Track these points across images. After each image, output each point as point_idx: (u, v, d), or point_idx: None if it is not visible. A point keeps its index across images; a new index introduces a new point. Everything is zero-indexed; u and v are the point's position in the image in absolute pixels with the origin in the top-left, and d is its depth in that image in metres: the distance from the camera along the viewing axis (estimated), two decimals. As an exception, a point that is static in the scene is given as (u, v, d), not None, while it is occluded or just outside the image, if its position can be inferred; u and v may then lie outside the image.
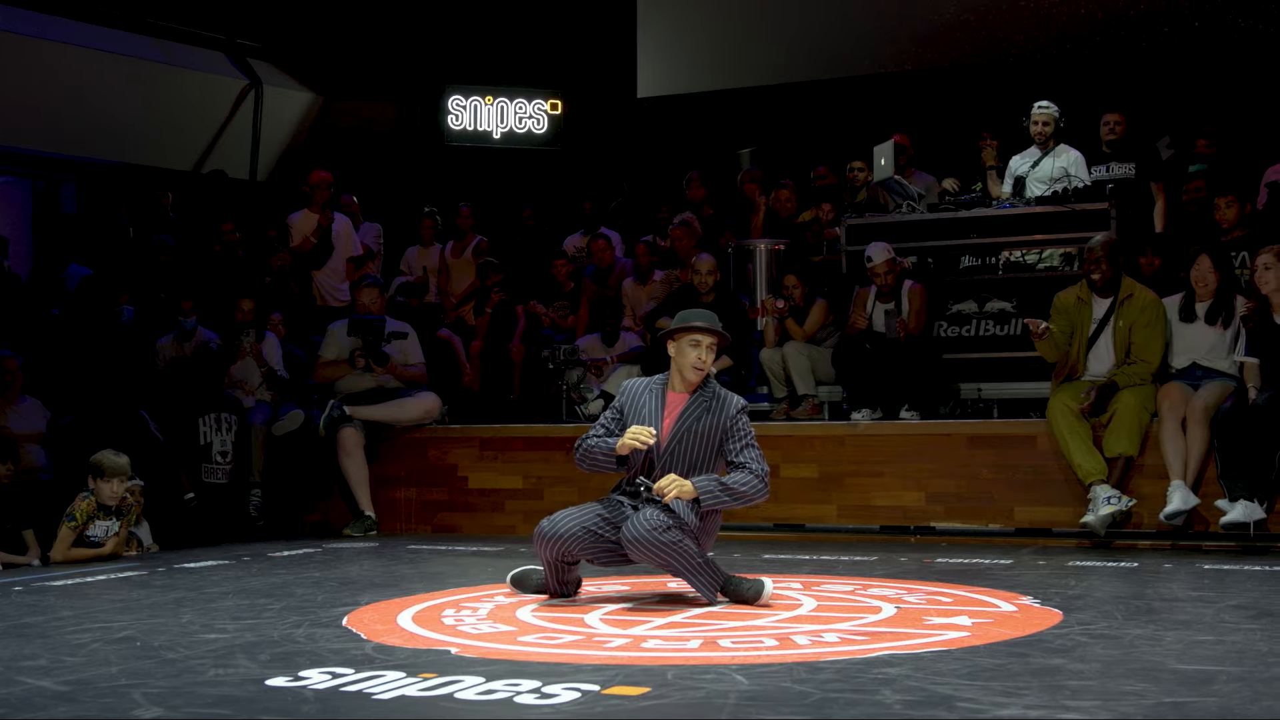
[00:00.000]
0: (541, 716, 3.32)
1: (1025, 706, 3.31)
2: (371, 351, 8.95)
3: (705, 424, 5.29)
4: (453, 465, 9.12)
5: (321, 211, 10.63)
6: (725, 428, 5.29)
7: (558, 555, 5.27)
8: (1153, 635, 4.37)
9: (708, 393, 5.36)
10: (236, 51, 13.60)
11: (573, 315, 10.71)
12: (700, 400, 5.33)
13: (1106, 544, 7.36)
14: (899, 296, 8.71)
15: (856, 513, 8.11)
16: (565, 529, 5.23)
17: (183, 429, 8.66)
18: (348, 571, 6.69)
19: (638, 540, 5.00)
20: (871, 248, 8.77)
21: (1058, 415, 7.51)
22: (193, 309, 9.27)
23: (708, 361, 5.32)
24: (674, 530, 5.03)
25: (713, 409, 5.31)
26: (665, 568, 5.10)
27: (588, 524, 5.25)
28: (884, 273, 8.68)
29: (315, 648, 4.31)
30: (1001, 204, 9.12)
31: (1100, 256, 7.65)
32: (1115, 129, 9.48)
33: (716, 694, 3.51)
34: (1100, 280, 7.66)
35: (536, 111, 14.44)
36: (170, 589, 5.95)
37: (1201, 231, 8.58)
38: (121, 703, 3.50)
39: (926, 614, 4.90)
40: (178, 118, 12.99)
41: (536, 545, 5.30)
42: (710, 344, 5.32)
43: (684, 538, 5.06)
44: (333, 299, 10.63)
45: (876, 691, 3.51)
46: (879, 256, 8.71)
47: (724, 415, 5.30)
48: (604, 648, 4.27)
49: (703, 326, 5.33)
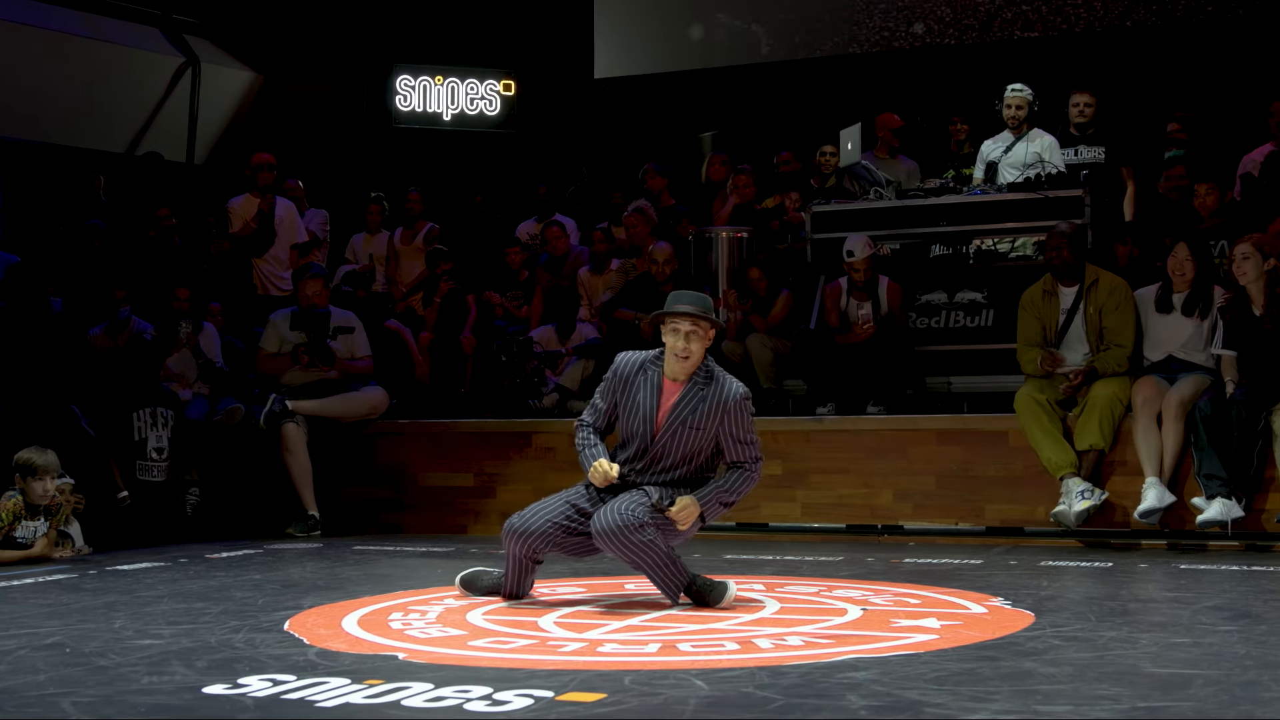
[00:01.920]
0: (493, 724, 3.31)
1: (995, 711, 3.33)
2: (316, 349, 8.89)
3: (701, 414, 5.23)
4: (401, 462, 9.08)
5: (263, 196, 10.55)
6: (722, 419, 5.24)
7: (526, 552, 5.27)
8: (1127, 637, 4.40)
9: (705, 379, 5.26)
10: (172, 27, 13.49)
11: (527, 306, 10.68)
12: (696, 388, 5.25)
13: (1079, 544, 7.42)
14: (875, 293, 8.69)
15: (822, 511, 8.13)
16: (536, 526, 5.23)
17: (116, 424, 8.58)
18: (290, 574, 6.65)
19: (608, 533, 5.01)
20: (851, 240, 8.68)
21: (1026, 407, 7.56)
22: (126, 298, 9.18)
23: (694, 349, 5.21)
24: (648, 529, 5.03)
25: (709, 398, 5.23)
26: (630, 564, 5.11)
27: (558, 519, 5.25)
28: (863, 269, 8.64)
29: (255, 654, 4.28)
30: (973, 190, 9.16)
31: (1059, 243, 7.72)
32: (1085, 111, 9.52)
33: (675, 700, 3.51)
34: (1062, 267, 7.72)
35: (489, 92, 14.40)
36: (102, 592, 5.90)
37: (1179, 219, 8.65)
38: (50, 712, 3.46)
39: (894, 616, 4.92)
40: (110, 97, 12.87)
41: (506, 541, 5.29)
42: (691, 331, 5.19)
43: (656, 537, 5.06)
44: (275, 288, 10.56)
45: (842, 697, 3.52)
46: (860, 251, 8.59)
47: (722, 407, 5.23)
48: (558, 652, 4.26)
49: (682, 311, 5.21)
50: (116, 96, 12.94)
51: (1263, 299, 7.25)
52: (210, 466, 8.90)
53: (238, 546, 7.89)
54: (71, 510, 7.48)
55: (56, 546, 7.31)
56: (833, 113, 10.93)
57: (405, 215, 11.73)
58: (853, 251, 8.63)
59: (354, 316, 9.25)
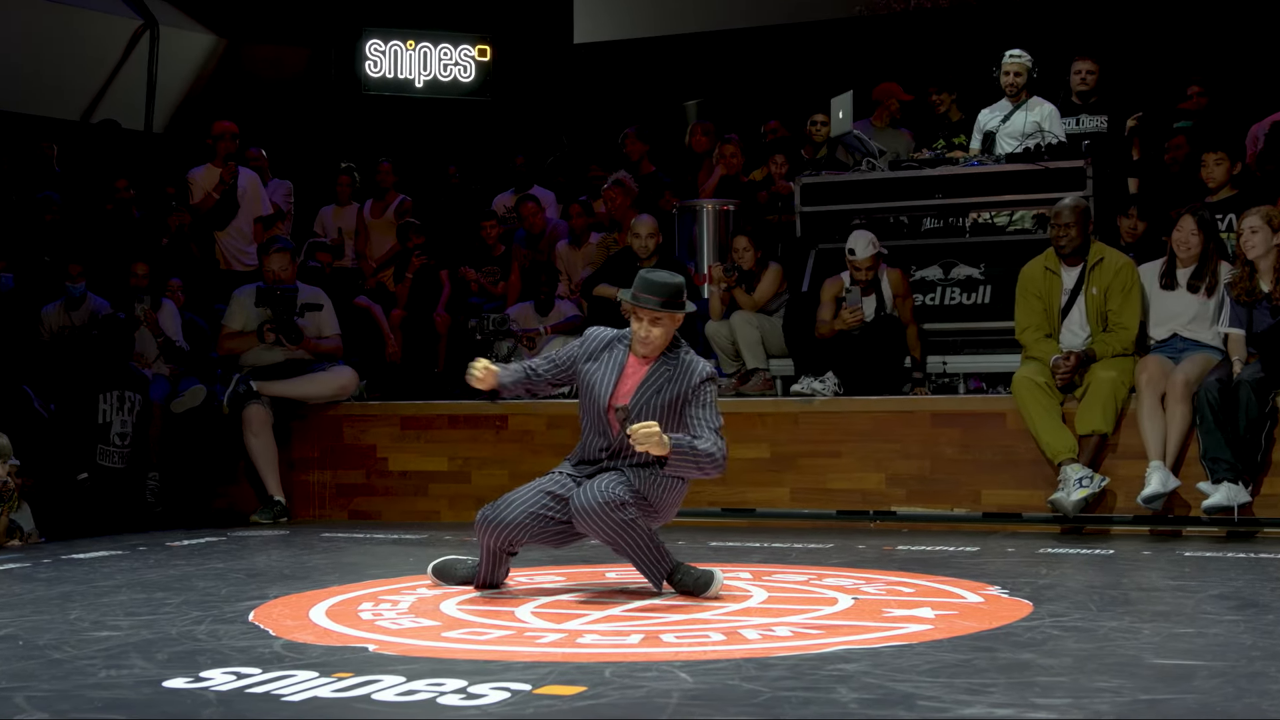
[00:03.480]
0: (467, 718, 3.31)
1: (991, 704, 3.35)
2: (283, 326, 8.86)
3: (667, 395, 5.25)
4: (371, 445, 9.07)
5: (225, 166, 10.50)
6: (687, 398, 5.27)
7: (501, 544, 5.26)
8: (1129, 627, 4.42)
9: (672, 360, 5.30)
10: (130, -13, 13.43)
11: (503, 281, 10.68)
12: (663, 369, 5.28)
13: (1079, 530, 7.44)
14: (878, 287, 8.62)
15: (811, 496, 8.14)
16: (511, 516, 5.22)
17: (75, 405, 8.52)
18: (255, 562, 6.64)
19: (588, 511, 5.01)
20: (854, 239, 8.50)
21: (1024, 390, 7.56)
22: (81, 274, 9.14)
23: (655, 335, 5.24)
24: (629, 508, 5.04)
25: (675, 379, 5.26)
26: (611, 545, 5.10)
27: (534, 509, 5.23)
28: (865, 267, 8.48)
29: (218, 646, 4.28)
30: (969, 161, 9.16)
31: (1069, 220, 7.69)
32: (1087, 79, 9.53)
33: (658, 693, 3.52)
34: (1069, 246, 7.70)
35: (463, 58, 14.36)
36: (57, 582, 5.89)
37: (1184, 192, 8.67)
38: (3, 708, 3.46)
39: (886, 605, 4.93)
40: (64, 61, 12.80)
41: (479, 532, 5.28)
42: (655, 319, 5.24)
43: (638, 516, 5.07)
44: (238, 263, 10.53)
45: (831, 689, 3.53)
46: (863, 251, 8.42)
47: (687, 385, 5.26)
48: (536, 644, 4.27)
49: (639, 299, 5.24)
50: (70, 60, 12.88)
51: (1272, 274, 7.27)
52: (171, 450, 8.88)
53: (200, 534, 7.88)
54: (19, 492, 7.44)
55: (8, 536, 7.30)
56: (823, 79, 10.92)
57: (375, 187, 11.69)
58: (854, 250, 8.45)
59: (322, 293, 9.23)
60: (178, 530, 8.09)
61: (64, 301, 9.11)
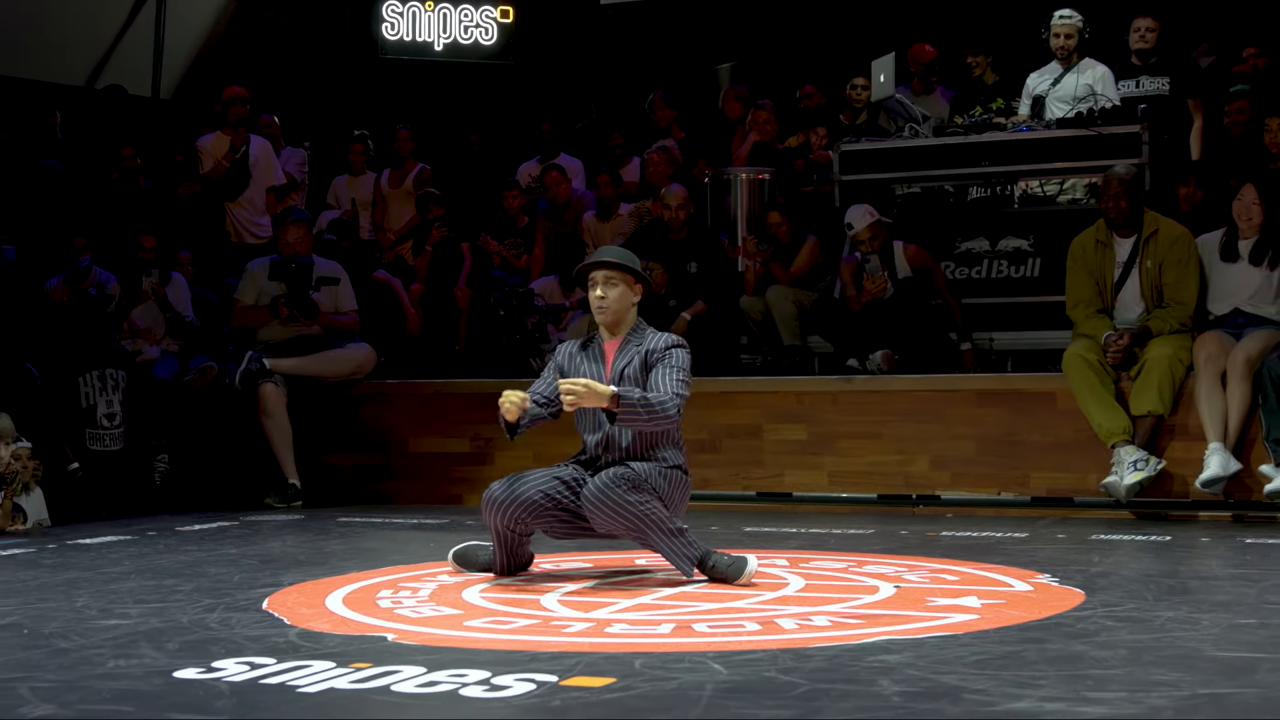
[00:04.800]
0: (491, 711, 3.32)
1: (1041, 698, 3.34)
2: (298, 301, 8.86)
3: (636, 363, 5.36)
4: (390, 426, 9.10)
5: (236, 133, 10.52)
6: (651, 363, 5.34)
7: (510, 525, 5.27)
8: (1187, 618, 4.40)
9: (638, 335, 5.44)
10: (135, -54, 13.44)
11: (527, 254, 10.67)
12: (631, 343, 5.41)
13: (1134, 515, 7.42)
14: (890, 262, 8.65)
15: (851, 479, 8.14)
16: (520, 495, 5.23)
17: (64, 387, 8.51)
18: (268, 548, 6.67)
19: (601, 501, 5.02)
20: (851, 212, 8.68)
21: (1075, 368, 7.53)
22: (86, 247, 9.17)
23: (611, 298, 5.36)
24: (641, 490, 5.05)
25: (643, 347, 5.39)
26: (632, 534, 5.11)
27: (545, 489, 5.25)
28: (868, 239, 8.60)
29: (231, 635, 4.30)
30: (1018, 127, 9.11)
31: (1118, 191, 7.65)
32: (1146, 37, 9.45)
33: (691, 685, 3.52)
34: (1119, 218, 7.66)
35: (484, 20, 14.32)
36: (62, 568, 5.92)
37: (1246, 158, 8.60)
38: (6, 699, 3.48)
39: (930, 594, 4.93)
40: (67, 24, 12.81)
41: (485, 513, 5.29)
42: (607, 277, 5.37)
43: (652, 499, 5.08)
44: (249, 234, 10.56)
45: (873, 682, 3.52)
46: (860, 222, 8.60)
47: (651, 349, 5.36)
48: (562, 633, 4.27)
49: (593, 263, 5.42)
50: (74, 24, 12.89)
51: (1338, 245, 7.23)
52: (180, 431, 8.90)
53: (211, 518, 7.92)
54: (30, 477, 7.48)
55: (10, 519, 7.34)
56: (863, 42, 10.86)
57: (393, 155, 11.70)
58: (851, 224, 8.63)
59: (339, 267, 9.24)
60: (188, 514, 8.12)
61: (68, 275, 9.14)
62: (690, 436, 7.38)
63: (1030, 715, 3.18)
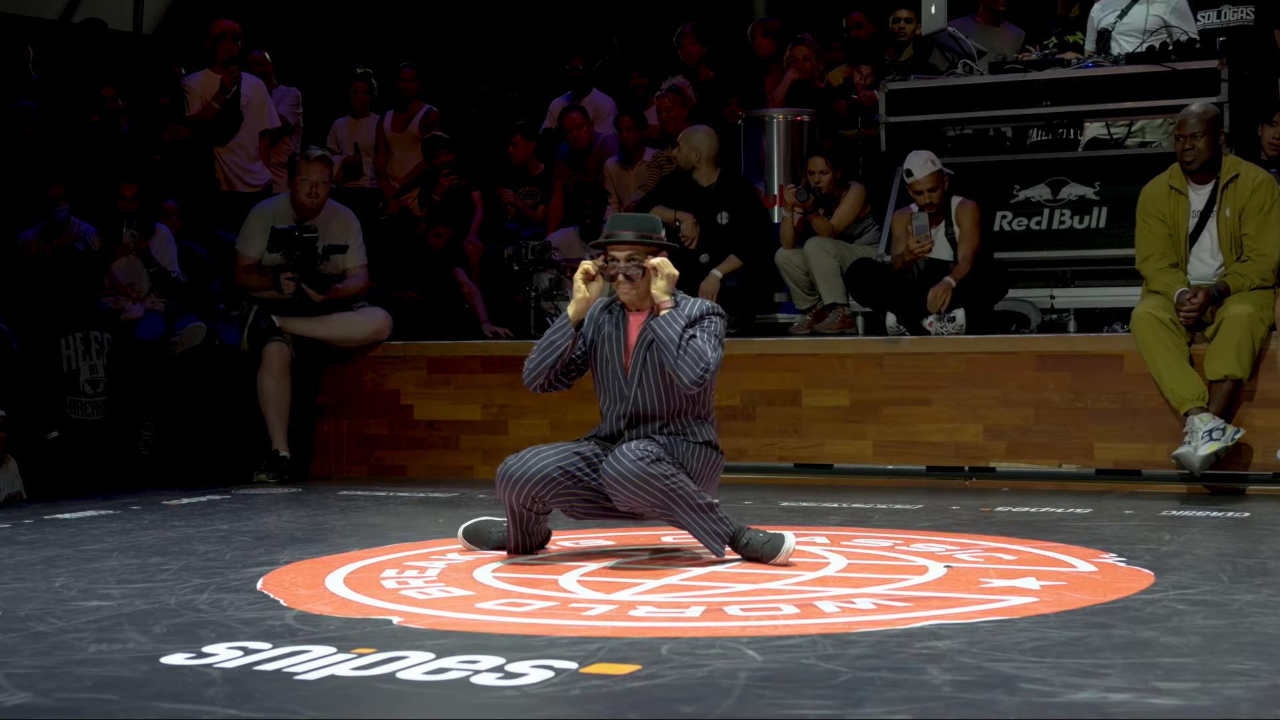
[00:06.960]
0: (505, 700, 3.33)
1: (1106, 688, 3.33)
2: (305, 272, 8.60)
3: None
4: (393, 391, 9.11)
5: (226, 71, 10.53)
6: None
7: (525, 502, 5.28)
8: (1266, 601, 4.40)
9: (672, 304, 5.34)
10: None
11: (543, 205, 10.67)
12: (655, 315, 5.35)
13: (1209, 489, 7.40)
14: (947, 216, 8.58)
15: (897, 450, 8.13)
16: (536, 469, 5.24)
17: (42, 350, 8.50)
18: (263, 523, 6.70)
19: (623, 476, 5.01)
20: (911, 159, 8.54)
21: (1145, 328, 7.49)
22: (64, 196, 9.19)
23: (635, 280, 5.29)
24: (665, 463, 5.06)
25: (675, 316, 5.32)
26: (658, 510, 5.11)
27: (564, 464, 5.26)
28: (927, 189, 8.47)
29: (223, 618, 4.32)
30: (1083, 63, 9.05)
31: (1195, 132, 7.58)
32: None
33: (723, 673, 3.53)
34: (1195, 162, 7.60)
35: (496, -57, 14.29)
36: (40, 545, 5.95)
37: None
38: (-20, 685, 3.50)
39: (984, 575, 4.93)
40: (40, -48, 12.83)
41: (500, 489, 5.31)
42: (628, 256, 5.30)
43: (679, 473, 5.09)
44: (241, 182, 10.58)
45: (921, 670, 3.53)
46: (920, 170, 8.45)
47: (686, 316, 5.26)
48: (583, 616, 4.28)
49: (611, 239, 5.34)
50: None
51: None
52: (168, 397, 8.91)
53: (201, 492, 7.96)
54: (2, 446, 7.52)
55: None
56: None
57: (397, 96, 11.69)
58: (911, 171, 8.50)
59: (352, 216, 9.00)
60: (176, 488, 8.16)
61: (44, 226, 9.16)
62: (722, 403, 7.41)
63: (1094, 707, 3.17)
